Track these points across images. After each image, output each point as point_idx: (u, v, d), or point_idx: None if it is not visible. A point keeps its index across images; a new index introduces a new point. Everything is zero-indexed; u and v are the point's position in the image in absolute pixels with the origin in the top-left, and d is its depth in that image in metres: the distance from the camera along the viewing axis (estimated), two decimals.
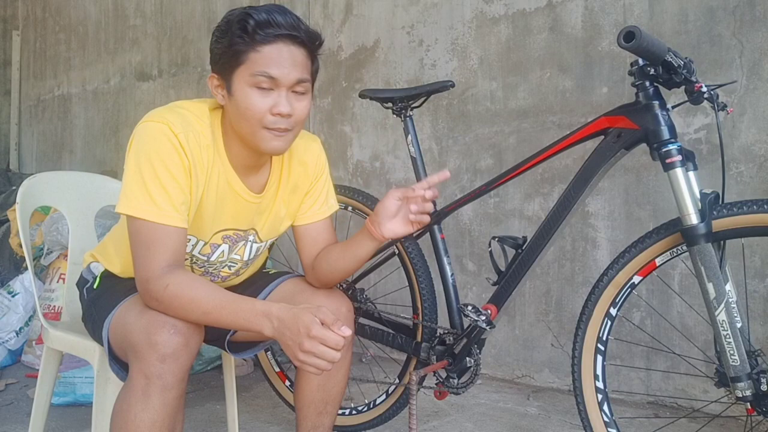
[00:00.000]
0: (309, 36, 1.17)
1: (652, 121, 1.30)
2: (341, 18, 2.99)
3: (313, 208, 1.40)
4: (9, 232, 3.09)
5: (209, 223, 1.27)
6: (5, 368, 2.50)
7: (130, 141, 1.17)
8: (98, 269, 1.39)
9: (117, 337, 1.18)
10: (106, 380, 1.31)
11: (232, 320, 1.10)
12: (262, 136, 1.17)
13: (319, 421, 1.42)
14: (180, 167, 1.15)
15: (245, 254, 1.38)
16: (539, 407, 2.17)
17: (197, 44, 3.66)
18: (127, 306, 1.20)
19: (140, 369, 1.06)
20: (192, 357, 1.11)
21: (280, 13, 1.14)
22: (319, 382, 1.39)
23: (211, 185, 1.22)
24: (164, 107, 1.20)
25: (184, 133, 1.15)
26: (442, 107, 2.65)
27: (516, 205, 2.46)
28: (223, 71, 1.18)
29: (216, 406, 2.09)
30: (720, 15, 2.04)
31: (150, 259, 1.12)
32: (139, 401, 1.06)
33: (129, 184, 1.14)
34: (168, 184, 1.13)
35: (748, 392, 1.22)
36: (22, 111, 4.95)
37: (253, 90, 1.14)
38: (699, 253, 1.24)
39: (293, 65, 1.15)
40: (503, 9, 2.49)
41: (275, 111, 1.15)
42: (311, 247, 1.41)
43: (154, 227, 1.12)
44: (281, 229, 1.41)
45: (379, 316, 1.79)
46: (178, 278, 1.11)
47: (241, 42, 1.13)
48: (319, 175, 1.41)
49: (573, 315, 2.25)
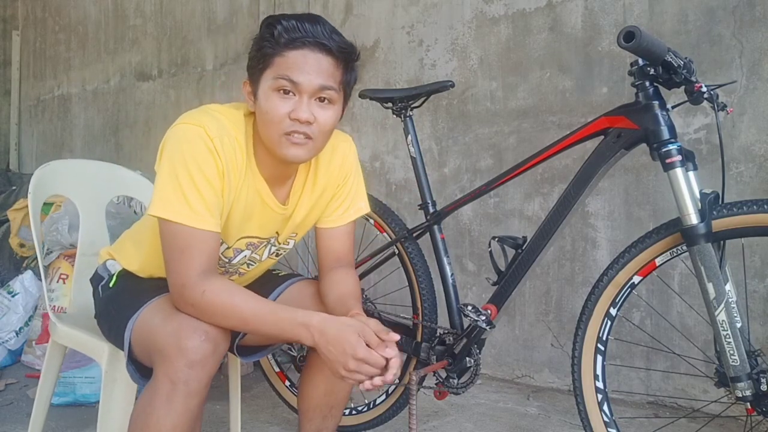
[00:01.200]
0: (340, 46, 1.15)
1: (652, 121, 1.30)
2: (341, 18, 2.99)
3: (337, 212, 1.37)
4: (9, 232, 3.09)
5: (235, 229, 1.26)
6: (5, 368, 2.50)
7: (163, 143, 1.15)
8: (115, 267, 1.37)
9: (140, 339, 1.17)
10: (113, 380, 1.30)
11: (271, 329, 1.10)
12: (282, 142, 1.15)
13: (324, 425, 1.41)
14: (215, 171, 1.13)
15: (264, 255, 1.37)
16: (539, 407, 2.17)
17: (197, 44, 3.66)
18: (153, 308, 1.18)
19: (166, 373, 1.06)
20: (218, 364, 1.11)
21: (310, 21, 1.13)
22: (327, 387, 1.38)
23: (242, 192, 1.21)
24: (198, 110, 1.19)
25: (219, 137, 1.14)
26: (442, 107, 2.65)
27: (516, 205, 2.46)
28: (253, 76, 1.18)
29: (216, 406, 2.09)
30: (720, 15, 2.04)
31: (185, 264, 1.11)
32: (162, 405, 1.05)
33: (163, 186, 1.12)
34: (203, 188, 1.12)
35: (748, 392, 1.22)
36: (22, 111, 4.95)
37: (274, 93, 1.14)
38: (699, 253, 1.24)
39: (318, 72, 1.13)
40: (503, 9, 2.49)
41: (293, 116, 1.13)
42: (324, 252, 1.38)
43: (190, 231, 1.11)
44: (300, 230, 1.39)
45: (379, 316, 1.79)
46: (216, 285, 1.10)
47: (269, 46, 1.13)
48: (347, 176, 1.37)
49: (573, 315, 2.25)
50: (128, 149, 4.07)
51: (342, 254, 1.37)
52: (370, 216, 1.84)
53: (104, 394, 1.31)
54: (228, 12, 3.50)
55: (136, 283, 1.32)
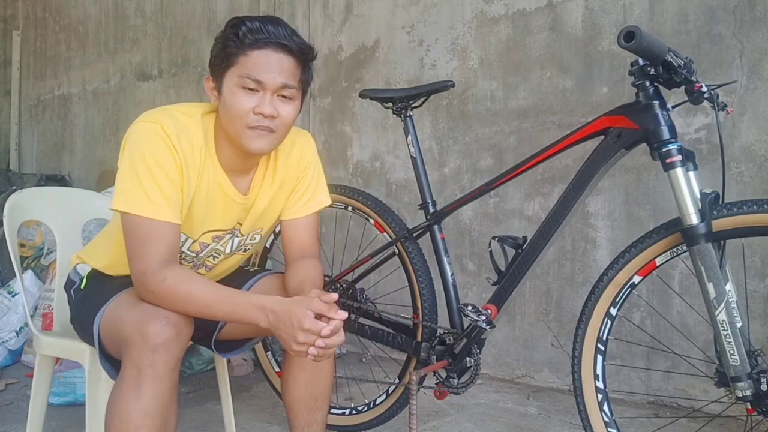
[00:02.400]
0: (300, 47, 1.23)
1: (652, 121, 1.30)
2: (341, 18, 2.99)
3: (298, 204, 1.42)
4: None
5: (199, 222, 1.30)
6: (5, 368, 2.50)
7: (124, 141, 1.22)
8: (84, 270, 1.42)
9: (108, 333, 1.21)
10: (97, 379, 1.32)
11: (229, 313, 1.15)
12: (246, 134, 1.22)
13: (312, 418, 1.42)
14: (173, 166, 1.19)
15: (228, 247, 1.41)
16: (539, 407, 2.17)
17: (197, 44, 3.66)
18: (119, 301, 1.23)
19: (132, 360, 1.09)
20: (183, 348, 1.14)
21: (273, 23, 1.21)
22: (306, 378, 1.39)
23: (201, 186, 1.26)
24: (156, 109, 1.26)
25: (176, 134, 1.20)
26: (442, 107, 2.65)
27: (516, 205, 2.46)
28: (216, 73, 1.24)
29: (216, 406, 2.09)
30: (720, 15, 2.04)
31: (146, 254, 1.16)
32: (131, 391, 1.08)
33: (124, 181, 1.18)
34: (162, 182, 1.17)
35: (748, 392, 1.22)
36: (22, 111, 4.95)
37: (239, 90, 1.20)
38: (699, 253, 1.24)
39: (280, 71, 1.20)
40: (503, 9, 2.49)
41: (257, 110, 1.20)
42: (288, 243, 1.43)
43: (149, 223, 1.16)
44: (263, 224, 1.43)
45: (379, 316, 1.79)
46: (175, 273, 1.15)
47: (233, 45, 1.19)
48: (306, 169, 1.42)
49: (573, 315, 2.24)
50: None
51: (305, 245, 1.42)
52: (370, 216, 1.85)
53: (89, 394, 1.33)
54: (228, 12, 3.50)
55: (105, 282, 1.36)
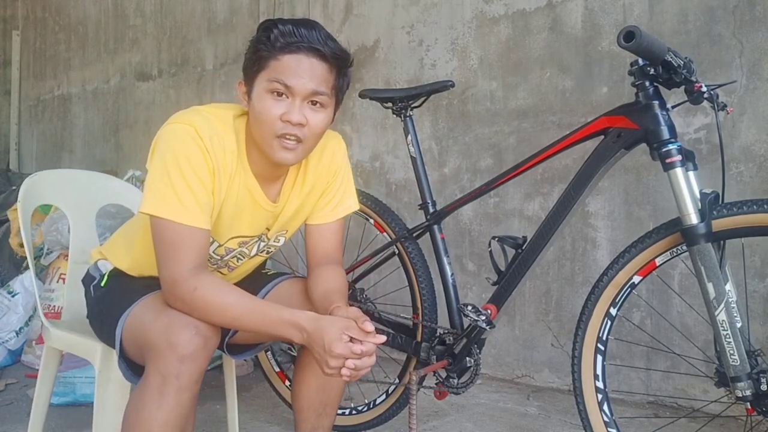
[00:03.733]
0: (334, 52, 1.17)
1: (652, 121, 1.30)
2: (341, 18, 2.99)
3: (326, 209, 1.38)
4: (9, 232, 3.09)
5: (227, 228, 1.27)
6: (5, 368, 2.50)
7: (155, 142, 1.17)
8: (106, 267, 1.38)
9: (132, 336, 1.18)
10: (107, 380, 1.30)
11: (259, 327, 1.13)
12: (272, 144, 1.18)
13: (319, 423, 1.41)
14: (206, 169, 1.15)
15: (253, 250, 1.39)
16: (539, 407, 2.17)
17: (197, 44, 3.66)
18: (144, 305, 1.20)
19: (157, 368, 1.07)
20: (208, 359, 1.12)
21: (306, 26, 1.15)
22: (318, 384, 1.38)
23: (232, 191, 1.23)
24: (189, 110, 1.20)
25: (209, 137, 1.15)
26: (442, 107, 2.65)
27: (516, 205, 2.46)
28: (247, 77, 1.20)
29: (216, 406, 2.09)
30: (720, 15, 2.04)
31: (176, 261, 1.12)
32: (154, 400, 1.06)
33: (155, 184, 1.14)
34: (194, 186, 1.13)
35: (748, 392, 1.22)
36: (22, 111, 4.95)
37: (268, 95, 1.16)
38: (699, 253, 1.24)
39: (311, 77, 1.15)
40: (503, 9, 2.49)
41: (285, 118, 1.15)
42: (312, 248, 1.39)
43: (180, 228, 1.12)
44: (289, 227, 1.40)
45: (379, 316, 1.79)
46: (206, 282, 1.12)
47: (265, 49, 1.15)
48: (336, 174, 1.38)
49: (573, 315, 2.24)
50: (128, 149, 4.07)
51: (330, 251, 1.39)
52: (370, 216, 1.85)
53: (98, 393, 1.32)
54: (228, 12, 3.50)
55: (127, 282, 1.33)
